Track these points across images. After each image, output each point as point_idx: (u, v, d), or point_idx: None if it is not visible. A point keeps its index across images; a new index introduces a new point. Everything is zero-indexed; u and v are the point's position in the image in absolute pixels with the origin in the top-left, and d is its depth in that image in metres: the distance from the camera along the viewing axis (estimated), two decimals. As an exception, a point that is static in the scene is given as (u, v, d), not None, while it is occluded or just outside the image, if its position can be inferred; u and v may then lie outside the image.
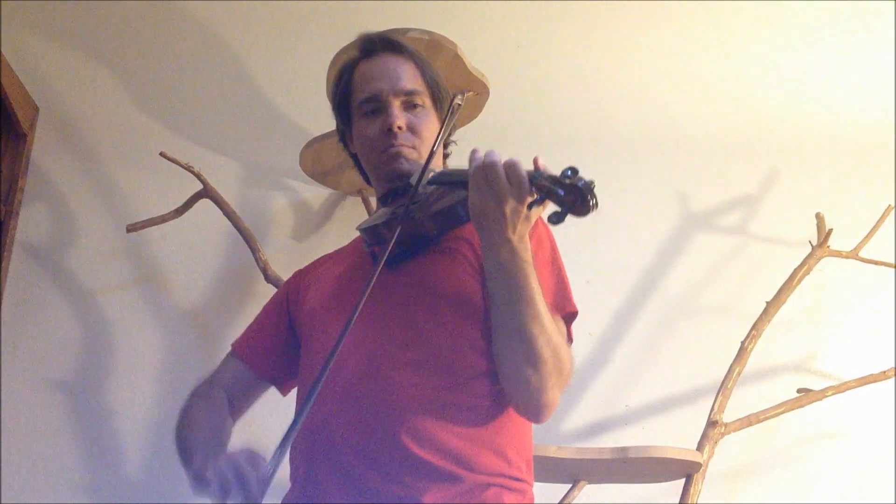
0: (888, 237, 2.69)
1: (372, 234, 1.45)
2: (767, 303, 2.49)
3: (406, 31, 2.35)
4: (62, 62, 2.83)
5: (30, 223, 2.65)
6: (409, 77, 1.57)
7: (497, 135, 2.70)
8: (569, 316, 1.46)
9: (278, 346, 1.61)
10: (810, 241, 2.60)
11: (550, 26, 2.97)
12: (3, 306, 2.54)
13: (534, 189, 1.24)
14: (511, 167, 1.25)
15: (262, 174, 2.76)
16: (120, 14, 2.89)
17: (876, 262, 2.61)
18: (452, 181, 1.42)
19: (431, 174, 1.46)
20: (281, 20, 2.91)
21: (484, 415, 1.37)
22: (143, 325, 2.57)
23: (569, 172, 1.20)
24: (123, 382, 2.51)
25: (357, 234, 1.62)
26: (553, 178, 1.22)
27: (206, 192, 2.46)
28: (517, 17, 2.96)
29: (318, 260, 1.71)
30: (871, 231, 2.62)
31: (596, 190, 1.19)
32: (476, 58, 2.47)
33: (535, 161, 1.27)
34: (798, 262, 2.55)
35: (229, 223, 2.48)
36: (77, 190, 2.70)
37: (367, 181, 1.67)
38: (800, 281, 2.53)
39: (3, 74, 2.54)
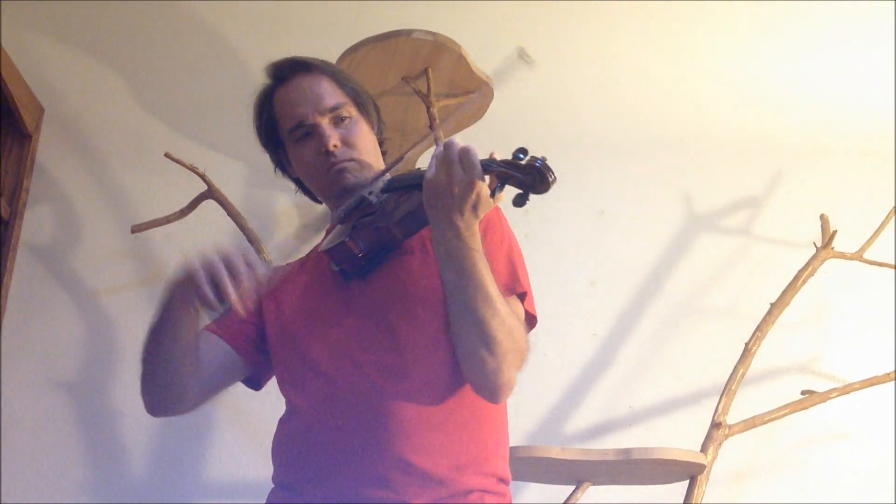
0: (892, 239, 2.69)
1: (338, 252, 1.45)
2: (771, 304, 2.49)
3: (410, 32, 2.36)
4: (67, 63, 2.83)
5: (34, 224, 2.66)
6: (328, 93, 1.56)
7: (501, 136, 2.70)
8: (521, 296, 1.46)
9: (249, 325, 1.57)
10: (815, 243, 2.60)
11: (555, 28, 2.96)
12: (7, 307, 2.54)
13: (491, 177, 1.25)
14: (465, 152, 1.25)
15: (267, 175, 2.74)
16: (125, 15, 2.89)
17: (880, 264, 2.61)
18: (408, 184, 1.43)
19: (382, 183, 1.46)
20: (286, 21, 2.91)
21: (465, 412, 1.39)
22: (148, 325, 2.57)
23: (520, 155, 1.22)
24: (127, 383, 2.51)
25: (314, 247, 1.63)
26: (508, 163, 1.23)
27: (211, 193, 2.46)
28: (521, 18, 2.96)
29: (281, 267, 1.68)
30: (875, 233, 2.62)
31: (550, 164, 1.20)
32: (480, 59, 2.47)
33: (492, 154, 1.27)
34: (802, 264, 2.55)
35: (234, 224, 2.48)
36: (82, 191, 2.71)
37: (315, 200, 1.67)
38: (804, 282, 2.53)
39: (8, 75, 2.55)
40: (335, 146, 1.52)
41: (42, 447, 2.44)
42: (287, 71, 1.61)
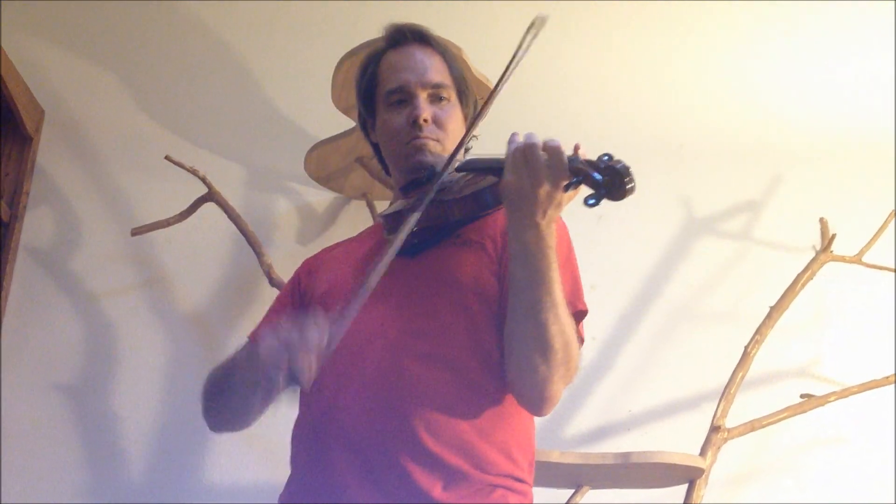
0: (892, 242, 2.69)
1: (396, 219, 1.43)
2: (771, 308, 2.49)
3: (410, 35, 2.36)
4: (68, 65, 2.83)
5: (35, 226, 2.66)
6: (436, 70, 1.57)
7: (501, 139, 2.70)
8: (579, 314, 1.44)
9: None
10: (814, 247, 2.60)
11: (554, 31, 2.95)
12: (7, 310, 2.54)
13: (570, 173, 1.24)
14: (552, 150, 1.25)
15: (267, 178, 2.77)
16: (126, 18, 2.90)
17: (879, 268, 2.62)
18: (481, 167, 1.42)
19: (458, 163, 1.45)
20: (286, 24, 2.92)
21: (494, 412, 1.38)
22: (148, 328, 2.57)
23: (605, 158, 1.21)
24: (127, 386, 2.51)
25: (371, 223, 1.62)
26: (590, 162, 1.22)
27: (211, 196, 2.46)
28: (521, 21, 2.96)
29: (329, 247, 1.70)
30: (874, 236, 2.62)
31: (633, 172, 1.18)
32: (480, 62, 2.47)
33: (576, 147, 1.27)
34: (801, 268, 2.55)
35: (234, 227, 2.48)
36: (82, 193, 2.71)
37: (386, 171, 1.65)
38: (803, 286, 2.53)
39: (9, 77, 2.55)
40: (425, 120, 1.52)
41: (42, 449, 2.44)
42: (404, 36, 1.61)
